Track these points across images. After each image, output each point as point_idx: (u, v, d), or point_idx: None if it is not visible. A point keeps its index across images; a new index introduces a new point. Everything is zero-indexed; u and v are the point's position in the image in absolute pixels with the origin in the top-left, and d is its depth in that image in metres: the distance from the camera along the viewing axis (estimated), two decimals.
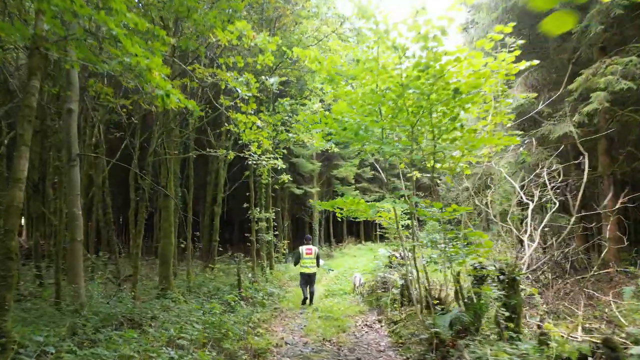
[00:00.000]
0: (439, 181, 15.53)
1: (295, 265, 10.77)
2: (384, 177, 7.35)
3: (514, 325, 4.92)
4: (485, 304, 5.61)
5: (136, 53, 3.47)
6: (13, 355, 4.04)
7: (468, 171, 6.46)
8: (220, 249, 14.28)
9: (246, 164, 13.57)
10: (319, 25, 12.27)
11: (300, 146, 20.68)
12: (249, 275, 11.98)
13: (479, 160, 6.33)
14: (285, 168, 10.62)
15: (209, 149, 9.59)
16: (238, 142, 12.27)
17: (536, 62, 5.50)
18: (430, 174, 6.27)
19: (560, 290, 8.51)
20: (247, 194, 13.92)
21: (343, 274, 15.14)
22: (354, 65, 5.58)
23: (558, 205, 6.49)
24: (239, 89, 5.22)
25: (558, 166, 7.18)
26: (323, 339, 6.95)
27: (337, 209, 6.28)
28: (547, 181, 6.61)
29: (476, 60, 4.85)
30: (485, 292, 5.75)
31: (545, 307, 7.46)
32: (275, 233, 16.87)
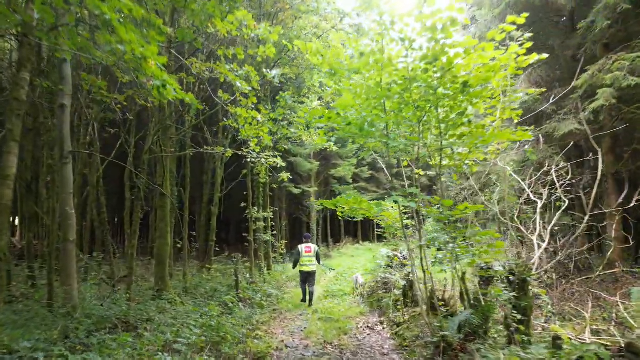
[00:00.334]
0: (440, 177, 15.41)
1: (294, 267, 10.73)
2: (387, 175, 7.15)
3: (524, 328, 4.74)
4: (493, 305, 5.43)
5: (131, 40, 3.26)
6: None
7: (474, 168, 6.28)
8: (217, 249, 14.04)
9: (244, 162, 13.36)
10: (318, 21, 12.07)
11: (298, 145, 20.49)
12: (246, 275, 11.77)
13: (485, 158, 6.15)
14: (284, 167, 10.41)
15: (206, 147, 9.35)
16: (236, 140, 12.06)
17: (545, 56, 5.32)
18: (435, 171, 6.09)
19: (566, 291, 8.36)
20: (245, 193, 13.71)
21: (342, 275, 14.95)
22: (357, 59, 5.38)
23: (566, 204, 6.31)
24: (239, 83, 5.01)
25: (566, 164, 7.01)
26: (324, 342, 6.75)
27: (340, 206, 6.08)
28: (556, 179, 6.44)
29: (487, 53, 4.66)
30: (491, 294, 5.59)
31: (550, 308, 7.28)
32: (273, 233, 16.67)
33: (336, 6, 11.65)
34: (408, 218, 8.00)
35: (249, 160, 9.34)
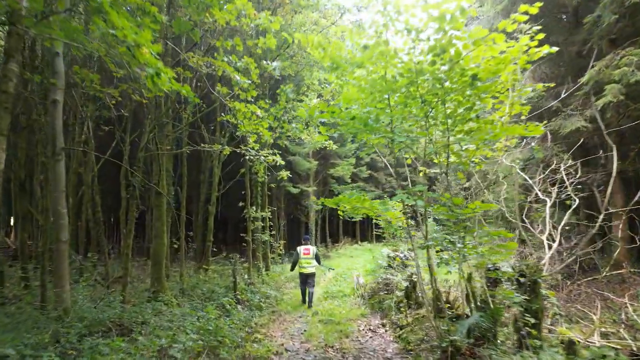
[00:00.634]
0: (438, 177, 15.19)
1: (292, 269, 10.58)
2: (392, 172, 6.91)
3: (536, 332, 4.54)
4: (501, 308, 5.24)
5: (123, 26, 3.04)
6: None
7: (481, 166, 6.09)
8: (214, 250, 13.80)
9: (242, 161, 13.14)
10: (318, 17, 11.85)
11: (297, 144, 20.28)
12: (244, 276, 11.55)
13: (492, 155, 5.95)
14: (283, 165, 10.20)
15: (203, 144, 9.12)
16: (234, 138, 11.83)
17: (555, 49, 5.13)
18: (440, 169, 5.89)
19: (572, 292, 8.18)
20: (243, 192, 13.48)
21: (341, 275, 14.72)
22: (359, 53, 5.17)
23: (576, 202, 6.12)
24: (237, 77, 4.79)
25: (575, 162, 6.82)
26: (325, 345, 6.54)
27: (343, 205, 5.86)
28: (565, 177, 6.24)
29: (498, 45, 4.46)
30: (498, 296, 5.40)
31: (556, 310, 7.09)
32: (272, 233, 16.45)
33: (336, 1, 11.45)
34: (409, 218, 7.78)
35: (247, 158, 9.12)
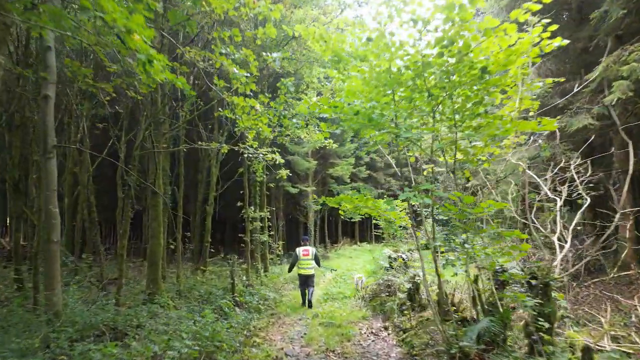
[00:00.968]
0: (439, 177, 14.97)
1: (290, 271, 10.45)
2: (397, 171, 6.69)
3: (548, 337, 4.33)
4: (510, 311, 5.03)
5: (113, 9, 2.82)
6: None
7: (488, 164, 5.88)
8: (212, 250, 13.58)
9: (240, 160, 12.92)
10: (317, 14, 11.64)
11: (295, 143, 20.05)
12: (243, 278, 11.33)
13: (500, 152, 5.74)
14: (282, 163, 9.99)
15: (201, 142, 8.89)
16: (233, 136, 11.62)
17: (566, 42, 4.93)
18: (447, 167, 5.69)
19: (579, 294, 7.98)
20: (241, 192, 13.26)
21: (341, 276, 14.51)
22: (361, 47, 4.96)
23: (588, 201, 5.91)
24: (235, 69, 4.57)
25: (585, 160, 6.62)
26: (326, 349, 6.32)
27: (345, 205, 5.64)
28: (575, 176, 6.04)
29: (509, 36, 4.25)
30: (505, 298, 5.20)
31: (564, 313, 6.89)
32: (270, 233, 16.23)
33: None
34: (411, 218, 7.57)
35: (245, 156, 8.90)
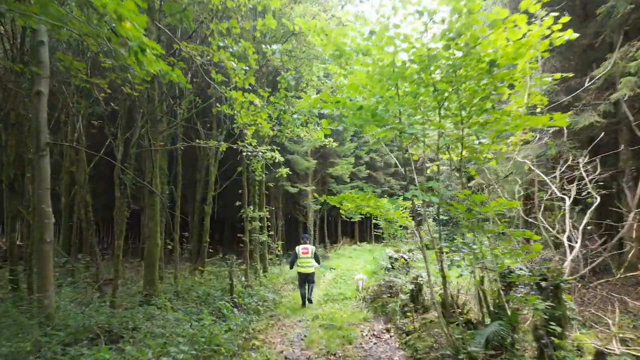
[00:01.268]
0: (439, 176, 14.82)
1: (291, 267, 10.45)
2: (402, 171, 6.52)
3: (559, 341, 4.16)
4: (518, 314, 4.87)
5: None
6: None
7: (495, 162, 5.71)
8: (210, 251, 13.37)
9: (239, 159, 12.73)
10: (317, 11, 11.47)
11: (295, 142, 19.87)
12: (241, 278, 11.15)
13: (506, 150, 5.58)
14: (282, 162, 9.81)
15: (198, 140, 8.71)
16: (231, 134, 11.44)
17: (576, 35, 4.78)
18: (451, 164, 5.52)
19: (585, 295, 7.82)
20: (240, 191, 13.08)
21: (341, 277, 14.33)
22: (362, 42, 4.79)
23: (597, 200, 5.74)
24: (233, 63, 4.39)
25: (593, 158, 6.46)
26: (327, 353, 6.16)
27: (346, 204, 5.47)
28: (584, 174, 5.87)
29: (519, 28, 4.08)
30: (512, 300, 5.04)
31: (570, 314, 6.71)
32: (270, 233, 16.05)
33: None
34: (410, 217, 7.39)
35: (244, 155, 8.72)
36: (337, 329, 7.41)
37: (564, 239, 5.26)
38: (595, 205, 5.60)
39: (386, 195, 24.07)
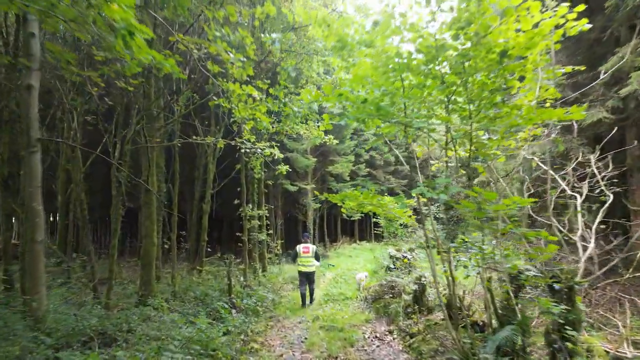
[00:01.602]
0: (439, 175, 14.62)
1: (294, 261, 10.30)
2: (404, 164, 6.30)
3: (574, 346, 3.96)
4: (528, 318, 4.66)
5: None
6: None
7: (503, 158, 5.50)
8: (208, 250, 13.17)
9: (237, 157, 12.52)
10: (318, 6, 11.25)
11: (294, 140, 19.65)
12: (240, 278, 10.96)
13: (515, 145, 5.37)
14: (281, 159, 9.60)
15: (196, 137, 8.49)
16: (230, 131, 11.22)
17: (589, 26, 4.55)
18: (456, 161, 5.32)
19: (592, 296, 7.61)
20: (238, 189, 12.86)
21: (341, 276, 14.12)
22: (369, 31, 4.57)
23: (611, 198, 5.54)
24: (231, 54, 4.18)
25: (605, 155, 6.25)
26: (328, 356, 5.95)
27: (348, 202, 5.25)
28: (596, 171, 5.66)
29: (532, 15, 3.87)
30: (521, 303, 4.83)
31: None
32: (269, 232, 15.84)
33: None
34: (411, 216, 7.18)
35: (243, 151, 8.50)
36: (339, 330, 7.21)
37: (577, 238, 5.06)
38: (608, 203, 5.40)
39: (386, 194, 23.87)
